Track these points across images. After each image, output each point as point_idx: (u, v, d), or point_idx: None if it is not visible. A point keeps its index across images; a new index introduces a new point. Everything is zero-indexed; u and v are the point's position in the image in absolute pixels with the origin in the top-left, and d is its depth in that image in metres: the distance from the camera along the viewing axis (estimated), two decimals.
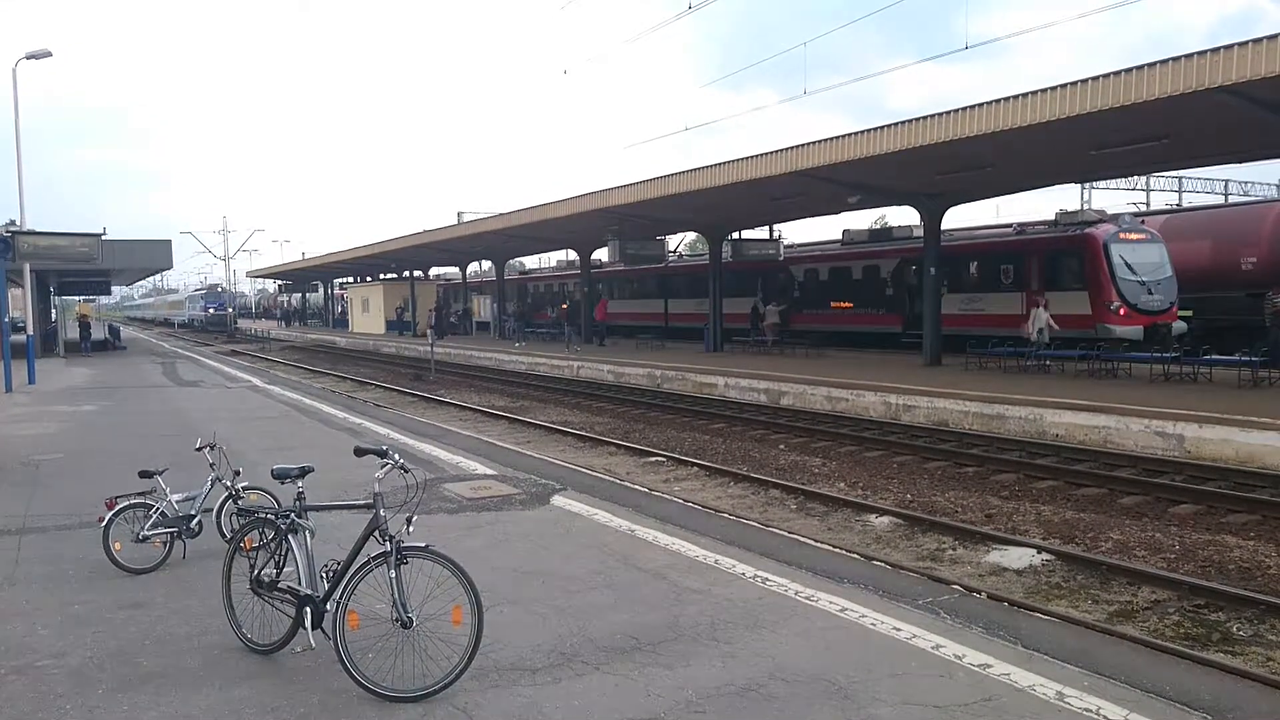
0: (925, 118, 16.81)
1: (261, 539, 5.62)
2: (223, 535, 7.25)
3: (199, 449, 7.32)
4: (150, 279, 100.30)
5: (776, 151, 20.41)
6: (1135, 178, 45.17)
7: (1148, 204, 47.75)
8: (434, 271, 59.41)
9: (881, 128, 17.83)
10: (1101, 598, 8.18)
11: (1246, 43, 12.51)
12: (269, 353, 47.47)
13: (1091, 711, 4.56)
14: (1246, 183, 51.63)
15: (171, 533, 7.21)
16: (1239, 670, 6.15)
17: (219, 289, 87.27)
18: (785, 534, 9.42)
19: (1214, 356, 19.21)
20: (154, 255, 35.32)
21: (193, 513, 7.30)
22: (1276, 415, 13.37)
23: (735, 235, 32.32)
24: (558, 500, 9.54)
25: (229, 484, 7.20)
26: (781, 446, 16.31)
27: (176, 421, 15.94)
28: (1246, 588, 8.15)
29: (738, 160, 21.54)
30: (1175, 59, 13.23)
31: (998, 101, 15.45)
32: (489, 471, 11.19)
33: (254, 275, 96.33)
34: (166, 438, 13.53)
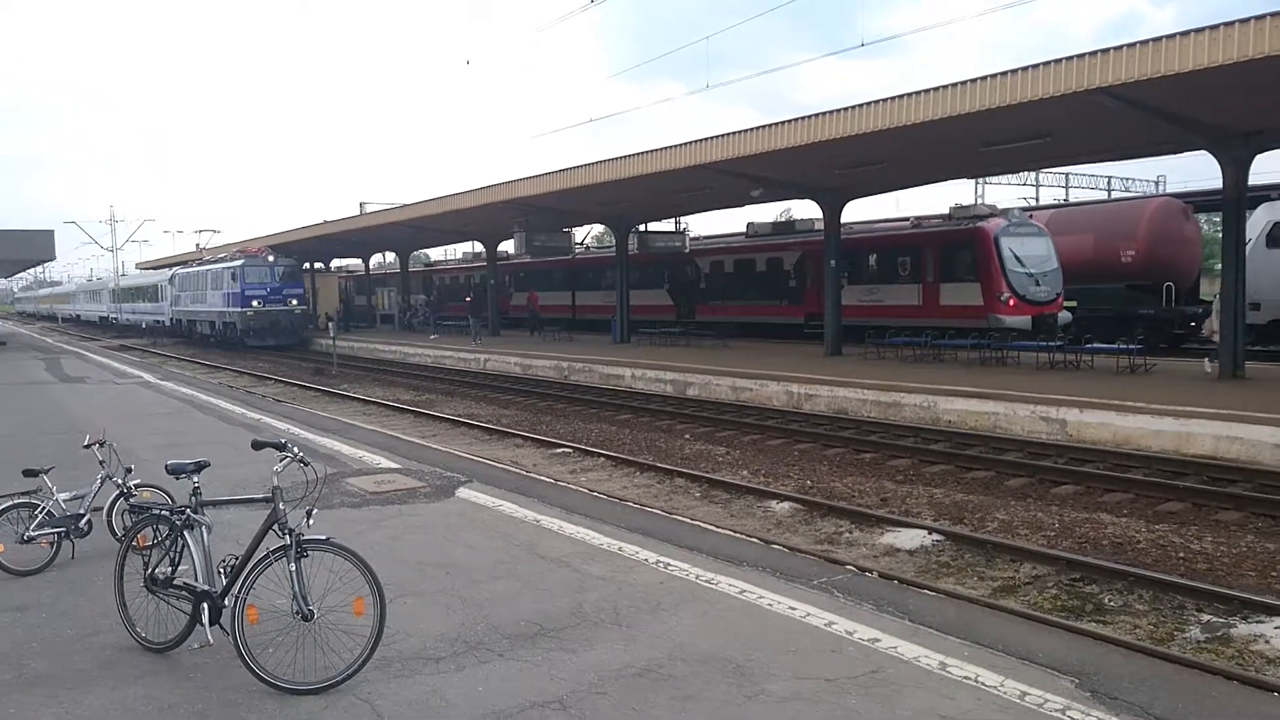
0: (824, 114, 17.23)
1: (156, 536, 5.53)
2: (114, 534, 7.04)
3: (87, 446, 7.11)
4: (32, 269, 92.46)
5: (681, 145, 20.64)
6: (1026, 174, 47.01)
7: (1037, 199, 49.71)
8: (335, 263, 58.11)
9: (782, 123, 18.20)
10: (987, 574, 8.60)
11: (1122, 46, 13.18)
12: (160, 348, 45.80)
13: (970, 679, 4.84)
14: (1128, 179, 54.11)
15: (59, 533, 7.00)
16: (1106, 637, 6.57)
17: (268, 256, 41.93)
18: (688, 521, 9.62)
19: (1096, 345, 20.21)
20: (34, 246, 33.78)
21: (81, 511, 7.10)
22: (1151, 400, 14.17)
23: (642, 228, 32.54)
24: (463, 493, 9.53)
25: (120, 481, 7.00)
26: (687, 436, 16.55)
27: (62, 419, 15.32)
28: (1118, 561, 8.67)
29: (643, 153, 21.70)
30: (1057, 61, 13.85)
31: (892, 99, 15.93)
32: (393, 465, 11.10)
33: (144, 267, 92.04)
34: (52, 436, 13.02)
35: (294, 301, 41.17)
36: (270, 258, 41.51)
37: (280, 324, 40.13)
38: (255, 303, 39.73)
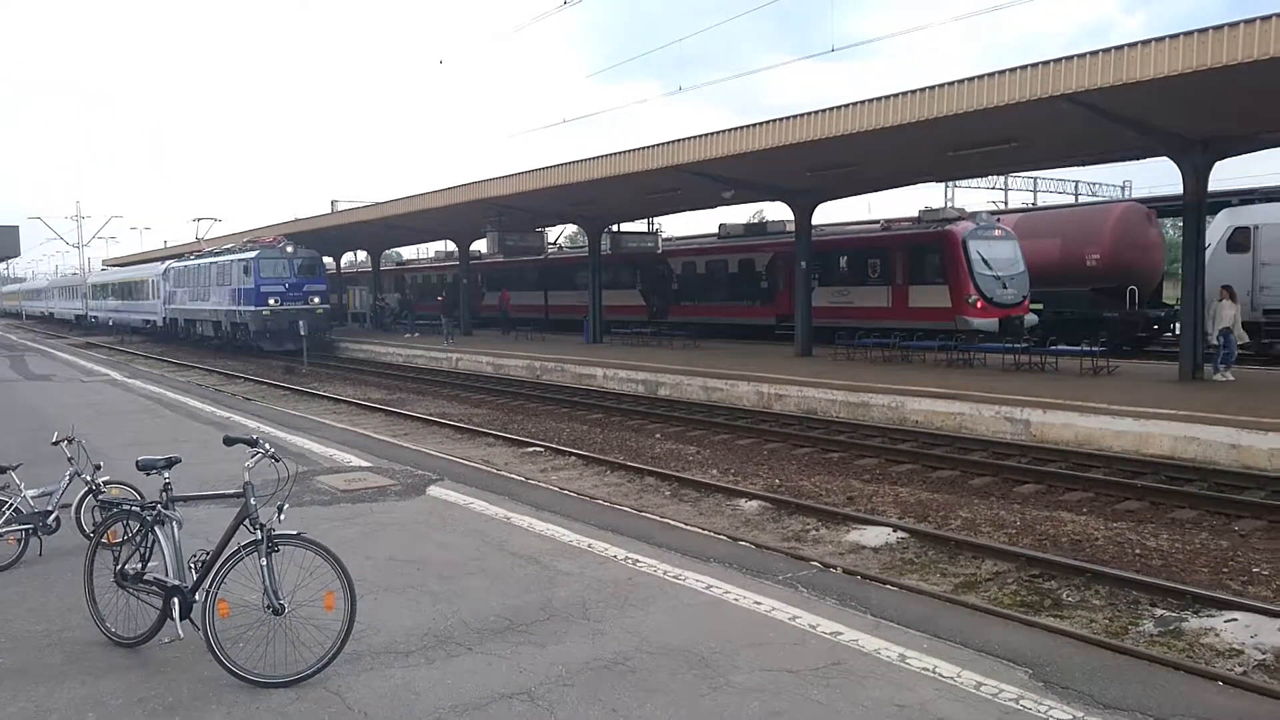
0: (794, 116, 17.40)
1: (126, 532, 5.55)
2: (82, 531, 7.06)
3: (56, 443, 7.10)
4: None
5: (653, 146, 20.75)
6: (995, 177, 47.57)
7: (1006, 202, 50.31)
8: None
9: (752, 125, 18.36)
10: (949, 571, 8.77)
11: (1085, 54, 13.43)
12: (128, 345, 45.31)
13: (929, 670, 4.98)
14: (1095, 184, 54.91)
15: (26, 529, 7.00)
16: (1061, 630, 6.76)
17: (286, 246, 35.83)
18: (657, 519, 9.73)
19: (1060, 347, 20.53)
20: None
21: (50, 509, 7.09)
22: (1111, 401, 14.45)
23: (615, 228, 32.64)
24: (434, 490, 9.59)
25: (89, 478, 7.00)
26: (658, 435, 16.66)
27: (29, 417, 15.18)
28: (1076, 558, 8.88)
29: (616, 154, 21.78)
30: (1022, 67, 14.08)
31: (860, 103, 16.12)
32: (364, 464, 11.12)
33: (112, 264, 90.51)
34: (18, 433, 12.91)
35: (316, 299, 35.49)
36: (289, 248, 35.74)
37: (293, 328, 34.05)
38: (272, 300, 34.38)
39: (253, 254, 35.31)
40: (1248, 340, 19.07)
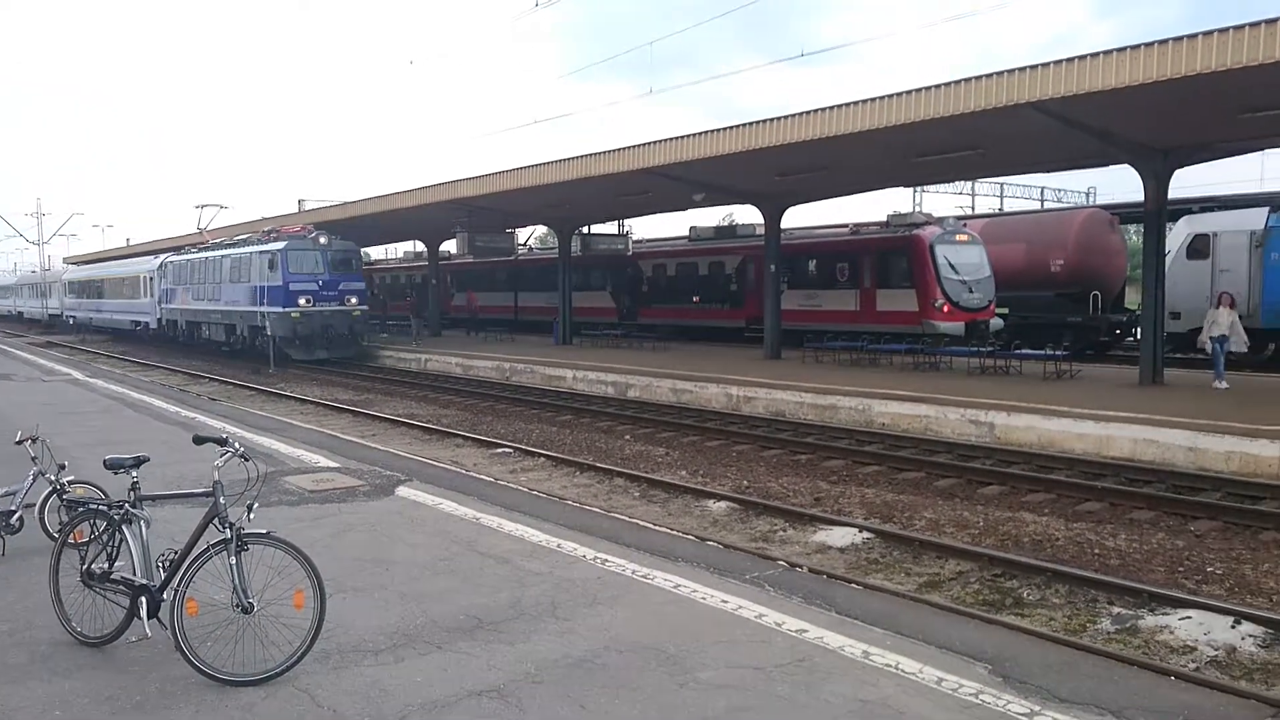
0: (762, 121, 17.54)
1: (93, 531, 5.53)
2: (46, 531, 7.00)
3: (19, 442, 7.02)
4: None
5: (625, 148, 20.82)
6: (963, 183, 48.15)
7: (972, 208, 50.97)
8: None
9: (722, 129, 18.48)
10: (913, 570, 8.90)
11: (1049, 63, 13.67)
12: (89, 344, 44.64)
13: (891, 666, 5.08)
14: (1060, 190, 55.69)
15: None
16: (1021, 628, 6.89)
17: (318, 237, 30.71)
18: (626, 519, 9.79)
19: (1025, 350, 20.83)
20: None
21: (12, 508, 7.03)
22: (1074, 404, 14.70)
23: (585, 230, 32.68)
24: (403, 491, 9.59)
25: (53, 478, 6.93)
26: (627, 437, 16.72)
27: None
28: (1037, 558, 9.04)
29: (587, 156, 21.82)
30: (988, 75, 14.29)
31: (827, 109, 16.27)
32: (332, 464, 11.08)
33: (72, 262, 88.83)
34: None
35: (353, 300, 30.58)
36: (321, 239, 30.61)
37: (335, 329, 30.00)
38: (303, 300, 29.38)
39: (279, 245, 30.04)
40: (1245, 349, 17.77)
